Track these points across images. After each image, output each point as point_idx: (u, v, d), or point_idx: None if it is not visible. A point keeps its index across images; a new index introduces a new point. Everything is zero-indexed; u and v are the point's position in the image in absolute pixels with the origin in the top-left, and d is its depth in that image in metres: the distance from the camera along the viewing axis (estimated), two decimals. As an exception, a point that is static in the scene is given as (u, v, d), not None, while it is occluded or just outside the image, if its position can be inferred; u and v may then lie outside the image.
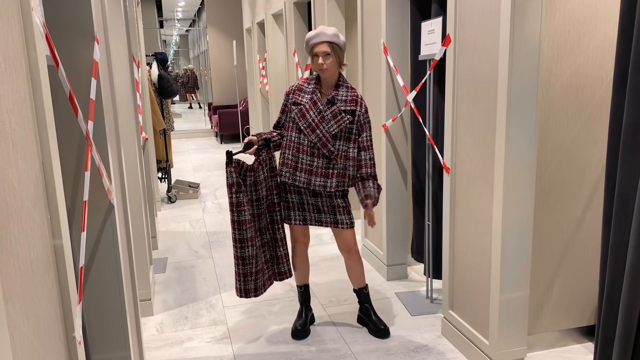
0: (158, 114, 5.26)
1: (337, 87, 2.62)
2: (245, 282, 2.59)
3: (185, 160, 8.76)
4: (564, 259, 2.55)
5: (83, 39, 1.64)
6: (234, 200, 2.48)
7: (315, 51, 2.53)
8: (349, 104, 2.58)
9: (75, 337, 1.13)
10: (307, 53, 2.62)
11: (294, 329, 2.84)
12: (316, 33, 2.53)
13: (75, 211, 1.66)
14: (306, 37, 2.57)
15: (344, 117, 2.56)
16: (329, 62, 2.52)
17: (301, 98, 2.61)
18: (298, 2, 5.76)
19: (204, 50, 14.66)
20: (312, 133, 2.54)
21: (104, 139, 1.74)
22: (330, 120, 2.55)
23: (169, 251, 4.33)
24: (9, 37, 0.89)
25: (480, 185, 2.43)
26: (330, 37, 2.51)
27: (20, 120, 0.92)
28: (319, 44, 2.51)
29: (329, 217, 2.67)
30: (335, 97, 2.58)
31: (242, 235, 2.50)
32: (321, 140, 2.54)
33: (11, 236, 0.81)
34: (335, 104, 2.57)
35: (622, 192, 1.65)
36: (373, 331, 2.83)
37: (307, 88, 2.63)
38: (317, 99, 2.57)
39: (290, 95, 2.67)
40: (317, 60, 2.53)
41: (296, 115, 2.57)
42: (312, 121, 2.55)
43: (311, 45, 2.54)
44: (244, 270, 2.56)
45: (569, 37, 2.33)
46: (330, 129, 2.54)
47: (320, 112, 2.55)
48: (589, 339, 2.69)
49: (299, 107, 2.58)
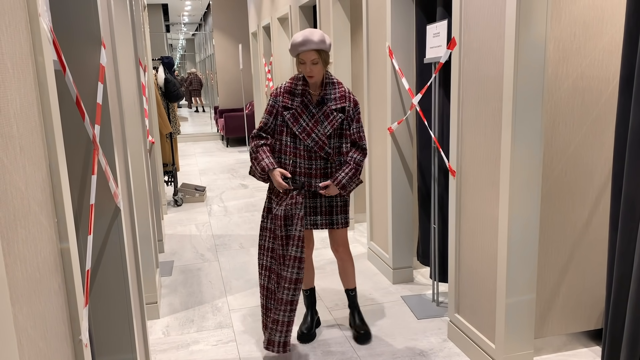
0: (164, 117, 5.29)
1: (324, 85, 2.57)
2: (267, 332, 2.59)
3: (192, 164, 8.79)
4: (570, 262, 2.53)
5: (90, 43, 1.65)
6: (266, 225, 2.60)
7: (302, 58, 2.46)
8: (339, 102, 2.55)
9: (82, 339, 1.14)
10: (291, 55, 2.54)
11: (299, 333, 2.84)
12: (303, 40, 2.43)
13: (82, 214, 1.67)
14: (292, 42, 2.46)
15: (335, 116, 2.53)
16: (316, 70, 2.47)
17: (291, 102, 2.54)
18: (304, 6, 5.78)
19: (210, 54, 14.72)
20: (307, 137, 2.51)
21: (111, 143, 1.75)
22: (324, 122, 2.52)
23: (175, 254, 4.34)
24: (17, 42, 0.90)
25: (486, 188, 2.43)
26: (318, 45, 2.43)
27: (28, 124, 0.93)
28: (305, 51, 2.44)
29: (324, 219, 2.65)
30: (325, 96, 2.54)
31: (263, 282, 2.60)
32: (318, 144, 2.52)
33: (18, 239, 0.82)
34: (326, 103, 2.53)
35: (628, 195, 1.64)
36: (353, 335, 2.84)
37: (295, 90, 2.56)
38: (308, 102, 2.53)
39: (279, 98, 2.58)
40: (304, 67, 2.47)
41: (289, 121, 2.52)
42: (307, 125, 2.51)
43: (297, 52, 2.46)
44: (265, 320, 2.62)
45: (575, 40, 2.33)
46: (324, 130, 2.52)
47: (313, 115, 2.52)
48: (597, 343, 2.67)
49: (291, 112, 2.53)
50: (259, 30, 8.44)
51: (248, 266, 4.00)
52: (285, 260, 2.48)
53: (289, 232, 2.48)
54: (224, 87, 11.48)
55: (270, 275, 2.60)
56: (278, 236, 2.50)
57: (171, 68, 5.79)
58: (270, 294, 2.60)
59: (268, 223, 2.60)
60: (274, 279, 2.56)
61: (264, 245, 2.62)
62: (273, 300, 2.57)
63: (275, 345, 2.52)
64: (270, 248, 2.59)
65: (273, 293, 2.57)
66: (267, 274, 2.61)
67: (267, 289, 2.61)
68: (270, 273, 2.59)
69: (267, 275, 2.61)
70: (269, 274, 2.60)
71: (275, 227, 2.51)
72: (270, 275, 2.59)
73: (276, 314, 2.50)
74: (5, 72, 0.82)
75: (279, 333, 2.51)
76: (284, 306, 2.49)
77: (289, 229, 2.48)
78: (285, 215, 2.48)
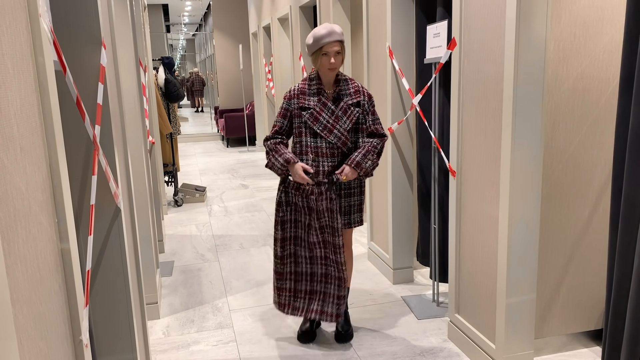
0: (165, 118, 5.29)
1: (337, 82, 2.59)
2: (279, 295, 2.72)
3: (192, 164, 8.79)
4: (571, 262, 2.53)
5: (90, 44, 1.65)
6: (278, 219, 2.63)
7: (327, 50, 2.47)
8: (354, 97, 2.58)
9: (82, 340, 1.14)
10: (311, 52, 2.53)
11: (299, 332, 2.84)
12: (327, 32, 2.45)
13: (82, 215, 1.67)
14: (314, 36, 2.47)
15: (353, 110, 2.56)
16: (338, 61, 2.50)
17: (307, 102, 2.56)
18: (304, 6, 5.78)
19: (211, 55, 14.73)
20: (330, 134, 2.52)
21: (111, 143, 1.75)
22: (343, 117, 2.54)
23: (176, 254, 4.34)
24: (17, 43, 0.90)
25: (486, 188, 2.43)
26: (340, 36, 2.48)
27: (28, 125, 0.93)
28: (330, 43, 2.46)
29: (344, 219, 2.69)
30: (340, 92, 2.57)
31: (283, 252, 2.66)
32: (340, 140, 2.54)
33: (19, 240, 0.82)
34: (342, 99, 2.56)
35: (628, 195, 1.64)
36: (335, 333, 2.86)
37: (310, 90, 2.57)
38: (326, 99, 2.55)
39: (293, 100, 2.58)
40: (326, 59, 2.48)
41: (308, 120, 2.53)
42: (327, 122, 2.53)
43: (322, 44, 2.46)
44: (279, 285, 2.71)
45: (575, 40, 2.33)
46: (344, 125, 2.54)
47: (333, 112, 2.54)
48: (597, 343, 2.67)
49: (309, 112, 2.54)
50: (259, 31, 8.44)
51: (248, 266, 4.00)
52: (331, 247, 2.58)
53: (327, 222, 2.54)
54: (224, 88, 11.48)
55: (297, 261, 2.67)
56: (309, 226, 2.58)
57: (171, 68, 5.79)
58: (300, 277, 2.68)
59: (288, 214, 2.62)
60: (302, 261, 2.66)
61: (286, 236, 2.64)
62: (306, 281, 2.67)
63: (286, 307, 2.69)
64: (293, 237, 2.65)
65: (305, 274, 2.67)
66: (291, 260, 2.68)
67: (295, 273, 2.69)
68: (296, 258, 2.67)
69: (293, 262, 2.68)
70: (295, 260, 2.67)
71: (302, 218, 2.59)
72: (298, 260, 2.67)
73: (312, 286, 2.67)
74: (5, 72, 0.82)
75: (328, 304, 2.63)
76: (330, 279, 2.62)
77: (322, 221, 2.55)
78: (318, 210, 2.52)
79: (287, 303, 2.70)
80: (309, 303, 2.68)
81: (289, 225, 2.63)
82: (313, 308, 2.67)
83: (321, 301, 2.66)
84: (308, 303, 2.69)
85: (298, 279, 2.69)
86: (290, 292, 2.70)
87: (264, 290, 3.55)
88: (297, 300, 2.70)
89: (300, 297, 2.69)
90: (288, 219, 2.63)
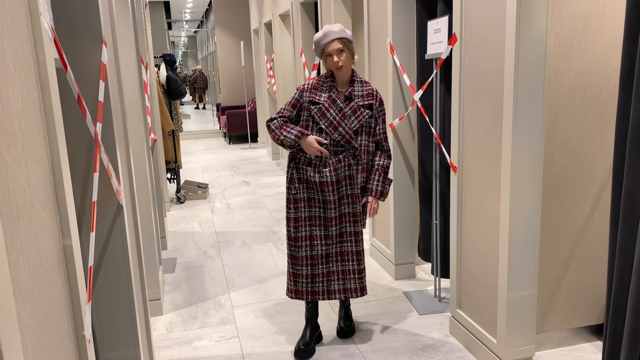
0: (167, 115, 5.30)
1: (351, 82, 2.59)
2: (296, 282, 2.66)
3: (194, 161, 8.80)
4: (571, 257, 2.54)
5: (91, 41, 1.66)
6: (291, 198, 2.63)
7: (328, 51, 2.49)
8: (366, 99, 2.58)
9: (85, 335, 1.15)
10: (318, 56, 2.58)
11: (296, 349, 2.69)
12: (324, 33, 2.49)
13: (84, 212, 1.68)
14: (315, 40, 2.53)
15: (363, 112, 2.56)
16: (343, 58, 2.49)
17: (318, 97, 2.56)
18: (305, 2, 5.77)
19: (212, 51, 14.72)
20: (334, 131, 2.52)
21: (113, 141, 1.76)
22: (351, 117, 2.54)
23: (178, 251, 4.36)
24: (18, 41, 0.91)
25: (487, 184, 2.43)
26: (339, 34, 2.48)
27: (30, 122, 0.94)
28: (329, 42, 2.48)
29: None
30: (352, 92, 2.57)
31: (297, 234, 2.63)
32: (344, 138, 2.53)
33: (21, 236, 0.83)
34: (353, 99, 2.56)
35: (629, 190, 1.64)
36: (337, 328, 2.86)
37: (322, 86, 2.58)
38: (336, 97, 2.54)
39: (305, 93, 2.59)
40: (331, 59, 2.50)
41: (316, 115, 2.53)
42: (334, 119, 2.53)
43: (322, 46, 2.50)
44: (294, 270, 2.65)
45: (576, 35, 2.32)
46: (351, 125, 2.54)
47: (341, 109, 2.53)
48: (598, 338, 2.68)
49: (318, 107, 2.54)
50: (261, 27, 8.43)
51: (251, 263, 4.02)
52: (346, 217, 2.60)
53: (346, 192, 2.57)
54: (226, 85, 11.48)
55: (312, 243, 2.62)
56: (325, 201, 2.57)
57: (173, 65, 5.79)
58: (317, 260, 2.63)
59: (300, 193, 2.60)
60: (318, 243, 2.61)
61: (300, 216, 2.61)
62: (322, 264, 2.63)
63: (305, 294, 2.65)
64: (307, 217, 2.61)
65: (321, 257, 2.63)
66: (307, 243, 2.62)
67: (311, 257, 2.62)
68: (312, 241, 2.62)
69: (309, 245, 2.62)
70: (310, 243, 2.62)
71: (315, 195, 2.58)
72: (313, 243, 2.62)
73: (328, 267, 2.65)
74: (7, 70, 0.83)
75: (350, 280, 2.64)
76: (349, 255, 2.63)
77: (341, 191, 2.56)
78: (337, 180, 2.54)
79: (305, 290, 2.64)
80: (329, 284, 2.66)
81: (303, 204, 2.60)
82: (334, 289, 2.65)
83: (342, 280, 2.65)
84: (327, 284, 2.66)
85: (315, 263, 2.63)
86: (307, 278, 2.64)
87: (266, 286, 3.56)
88: (316, 285, 2.65)
89: (318, 281, 2.65)
90: (301, 198, 2.60)
